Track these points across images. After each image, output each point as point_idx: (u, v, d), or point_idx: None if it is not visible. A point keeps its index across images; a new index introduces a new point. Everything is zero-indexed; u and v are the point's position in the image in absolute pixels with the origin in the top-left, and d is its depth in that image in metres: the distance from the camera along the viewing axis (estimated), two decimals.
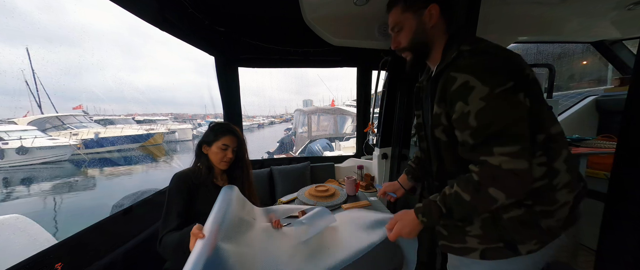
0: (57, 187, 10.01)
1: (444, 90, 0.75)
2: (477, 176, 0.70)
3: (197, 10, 1.73)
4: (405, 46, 0.88)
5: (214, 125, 1.28)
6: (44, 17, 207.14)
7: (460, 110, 0.70)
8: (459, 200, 0.74)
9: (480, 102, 0.66)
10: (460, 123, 0.72)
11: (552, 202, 0.75)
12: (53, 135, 13.80)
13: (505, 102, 0.66)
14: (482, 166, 0.70)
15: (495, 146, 0.66)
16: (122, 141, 14.73)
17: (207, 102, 50.04)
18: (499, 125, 0.66)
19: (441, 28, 0.83)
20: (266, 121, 40.16)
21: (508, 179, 0.67)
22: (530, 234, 0.75)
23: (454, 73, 0.71)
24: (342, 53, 2.35)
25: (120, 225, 1.29)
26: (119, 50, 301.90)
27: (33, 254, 0.95)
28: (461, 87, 0.69)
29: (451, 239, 0.87)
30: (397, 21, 0.87)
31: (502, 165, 0.66)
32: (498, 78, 0.66)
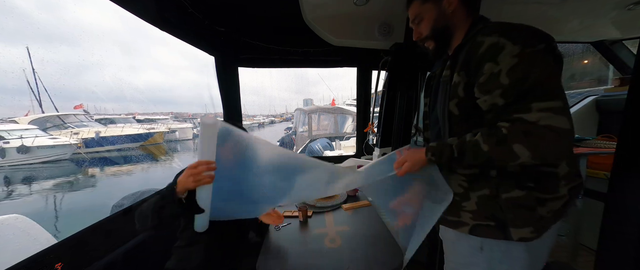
0: (58, 186, 10.02)
1: (469, 56, 0.72)
2: (506, 130, 0.65)
3: (197, 10, 1.73)
4: (427, 35, 0.89)
5: None
6: (43, 16, 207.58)
7: (489, 70, 0.67)
8: (476, 148, 0.71)
9: (513, 59, 0.63)
10: (489, 84, 0.68)
11: (550, 191, 0.73)
12: (54, 134, 13.83)
13: (539, 61, 0.63)
14: (513, 122, 0.65)
15: (534, 101, 0.62)
16: (123, 140, 14.76)
17: (207, 102, 50.10)
18: (535, 79, 0.62)
19: (462, 13, 0.83)
20: (266, 120, 40.21)
21: (544, 136, 0.62)
22: (525, 217, 0.73)
23: (480, 37, 0.70)
24: (342, 53, 2.35)
25: (120, 225, 1.29)
26: (118, 49, 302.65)
27: (33, 254, 0.96)
28: (490, 47, 0.66)
29: (448, 212, 0.86)
30: (417, 13, 0.89)
31: (539, 122, 0.61)
32: (530, 39, 0.64)
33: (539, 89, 0.62)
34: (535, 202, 0.73)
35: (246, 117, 25.75)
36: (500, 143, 0.66)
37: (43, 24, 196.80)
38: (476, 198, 0.79)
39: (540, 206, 0.73)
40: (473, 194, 0.80)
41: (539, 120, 0.61)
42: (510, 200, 0.74)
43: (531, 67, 0.62)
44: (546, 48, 0.63)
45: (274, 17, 1.98)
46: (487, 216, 0.77)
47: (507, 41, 0.64)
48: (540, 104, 0.61)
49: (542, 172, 0.73)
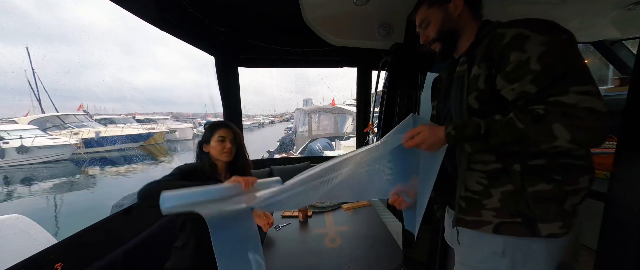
0: (57, 187, 10.02)
1: (491, 48, 0.71)
2: (544, 111, 0.61)
3: (197, 10, 1.73)
4: (433, 37, 0.91)
5: (208, 125, 1.35)
6: (42, 16, 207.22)
7: (517, 59, 0.64)
8: (509, 125, 0.65)
9: (541, 46, 0.62)
10: (518, 72, 0.65)
11: (576, 183, 0.70)
12: (54, 134, 13.83)
13: (567, 49, 0.63)
14: (552, 104, 0.61)
15: (571, 85, 0.60)
16: (123, 140, 14.76)
17: (207, 102, 50.17)
18: (568, 64, 0.61)
19: (468, 16, 0.85)
20: (266, 120, 40.20)
21: (584, 118, 0.58)
22: (554, 212, 0.70)
23: (501, 30, 0.69)
24: (342, 53, 2.35)
25: (120, 225, 1.29)
26: (118, 49, 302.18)
27: (33, 254, 0.96)
28: (514, 38, 0.66)
29: (467, 212, 0.81)
30: (424, 17, 0.91)
31: (579, 104, 0.58)
32: (554, 30, 0.64)
33: (574, 73, 0.60)
34: (564, 195, 0.69)
35: (246, 117, 25.73)
36: (537, 122, 0.62)
37: (43, 24, 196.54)
38: (499, 194, 0.74)
39: (569, 198, 0.70)
40: (495, 190, 0.75)
41: (578, 102, 0.58)
42: (538, 194, 0.69)
43: (562, 54, 0.62)
44: (570, 38, 0.64)
45: (274, 17, 1.98)
46: (512, 213, 0.73)
47: (531, 32, 0.64)
48: (577, 88, 0.59)
49: (568, 164, 0.69)
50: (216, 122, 1.35)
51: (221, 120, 1.39)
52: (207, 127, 1.34)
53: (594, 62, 3.51)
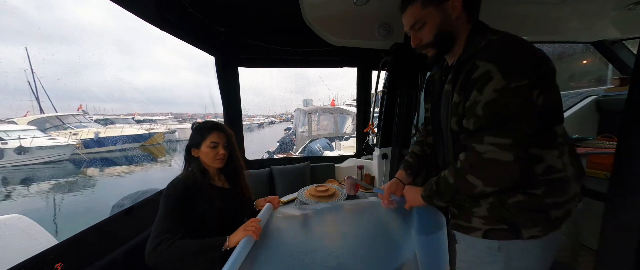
0: (56, 187, 10.00)
1: (467, 78, 0.74)
2: (460, 163, 0.76)
3: (197, 10, 1.73)
4: (429, 41, 0.85)
5: (197, 126, 1.24)
6: (42, 16, 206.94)
7: (474, 98, 0.71)
8: (446, 182, 0.81)
9: (493, 93, 0.67)
10: (469, 110, 0.74)
11: (564, 193, 0.76)
12: (53, 135, 13.81)
13: (517, 98, 0.66)
14: (467, 153, 0.75)
15: (488, 135, 0.69)
16: (123, 141, 14.74)
17: (207, 102, 50.20)
18: (500, 118, 0.68)
19: (464, 18, 0.82)
20: (266, 121, 40.18)
21: (487, 168, 0.71)
22: (534, 219, 0.76)
23: (478, 61, 0.71)
24: (342, 53, 2.35)
25: (120, 225, 1.29)
26: (118, 49, 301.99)
27: (33, 254, 0.95)
28: (482, 76, 0.69)
29: (460, 217, 0.88)
30: (418, 18, 0.84)
31: (485, 154, 0.70)
32: (517, 73, 0.66)
33: (501, 125, 0.68)
34: (545, 206, 0.75)
35: (246, 117, 25.76)
36: (457, 175, 0.77)
37: (42, 24, 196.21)
38: (487, 204, 0.80)
39: (555, 210, 0.75)
40: (483, 200, 0.81)
41: (485, 152, 0.70)
42: (517, 205, 0.76)
43: (506, 106, 0.67)
44: (530, 84, 0.66)
45: (274, 17, 1.98)
46: (498, 220, 0.79)
47: (498, 72, 0.67)
48: (491, 139, 0.69)
49: (553, 179, 0.75)
50: (207, 125, 1.23)
51: (212, 122, 1.27)
52: (196, 129, 1.23)
53: (594, 62, 3.52)
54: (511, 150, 0.67)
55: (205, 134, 1.19)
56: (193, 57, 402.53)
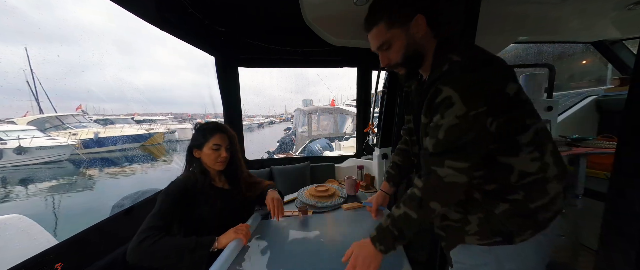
0: (55, 188, 10.00)
1: (431, 101, 0.76)
2: (420, 192, 0.78)
3: (197, 10, 1.73)
4: (398, 62, 0.87)
5: (200, 126, 1.23)
6: (41, 16, 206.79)
7: (436, 121, 0.74)
8: (407, 220, 0.80)
9: (455, 119, 0.69)
10: (431, 131, 0.76)
11: (545, 195, 0.77)
12: (52, 135, 13.81)
13: (475, 126, 0.69)
14: (427, 177, 0.76)
15: (448, 159, 0.72)
16: (123, 141, 14.75)
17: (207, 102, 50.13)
18: (460, 143, 0.71)
19: (430, 35, 0.82)
20: (266, 121, 40.20)
21: (446, 191, 0.75)
22: (524, 224, 0.78)
23: (441, 86, 0.72)
24: (342, 53, 2.35)
25: (120, 225, 1.29)
26: (117, 49, 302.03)
27: (33, 254, 0.95)
28: (444, 100, 0.71)
29: (451, 240, 0.89)
30: (385, 39, 0.84)
31: (446, 178, 0.72)
32: (476, 101, 0.68)
33: (458, 150, 0.71)
34: (530, 211, 0.77)
35: (246, 117, 25.77)
36: (420, 206, 0.78)
37: (42, 23, 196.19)
38: (476, 220, 0.82)
39: (543, 212, 0.78)
40: (472, 217, 0.83)
41: (446, 176, 0.72)
42: (505, 213, 0.78)
43: (465, 131, 0.70)
44: (488, 110, 0.68)
45: (274, 17, 1.98)
46: (492, 233, 0.80)
47: (459, 99, 0.68)
48: (451, 163, 0.72)
49: (532, 181, 0.77)
50: (210, 126, 1.23)
51: (215, 123, 1.27)
52: (198, 130, 1.23)
53: (594, 62, 3.52)
54: (466, 172, 0.72)
55: (208, 136, 1.18)
56: (193, 57, 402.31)
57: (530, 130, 0.76)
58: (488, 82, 0.70)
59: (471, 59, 0.74)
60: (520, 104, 0.75)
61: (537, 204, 0.77)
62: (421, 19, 0.79)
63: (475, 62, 0.73)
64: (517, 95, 0.74)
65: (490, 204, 0.79)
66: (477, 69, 0.72)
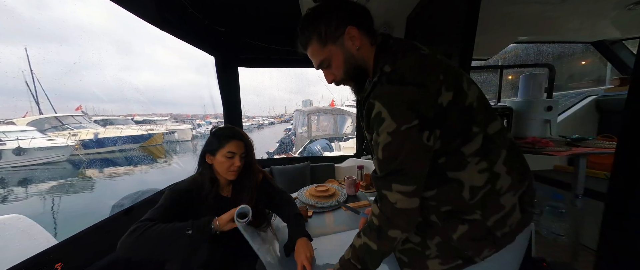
0: (54, 189, 9.99)
1: (368, 117, 0.73)
2: (377, 220, 0.74)
3: (197, 10, 1.73)
4: (342, 77, 0.84)
5: (216, 130, 1.15)
6: (41, 15, 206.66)
7: (374, 140, 0.71)
8: (369, 250, 0.76)
9: (388, 136, 0.66)
10: (374, 150, 0.73)
11: (500, 209, 0.72)
12: (52, 135, 13.80)
13: (408, 141, 0.65)
14: (381, 203, 0.73)
15: (394, 183, 0.69)
16: (122, 142, 14.74)
17: (207, 102, 50.08)
18: (399, 162, 0.67)
19: (367, 43, 0.79)
20: (266, 121, 40.21)
21: (401, 217, 0.70)
22: (483, 245, 0.73)
23: (372, 100, 0.69)
24: None
25: (120, 225, 1.29)
26: (117, 49, 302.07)
27: (33, 254, 0.95)
28: (376, 116, 0.68)
29: (413, 265, 0.83)
30: (322, 58, 0.82)
31: (397, 204, 0.69)
32: (406, 115, 0.64)
33: (401, 171, 0.68)
34: (491, 228, 0.72)
35: (245, 118, 25.75)
36: (379, 236, 0.74)
37: (42, 24, 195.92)
38: (435, 246, 0.78)
39: (500, 229, 0.72)
40: (430, 242, 0.79)
41: (396, 202, 0.69)
42: (463, 237, 0.73)
43: (400, 148, 0.66)
44: (420, 124, 0.64)
45: (274, 17, 1.98)
46: (453, 256, 0.76)
47: (388, 114, 0.65)
48: (397, 186, 0.68)
49: (483, 196, 0.71)
50: (226, 132, 1.14)
51: (232, 129, 1.17)
52: (214, 134, 1.14)
53: (594, 62, 3.52)
54: (415, 195, 0.69)
55: (223, 142, 1.11)
56: (193, 57, 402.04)
57: (475, 139, 0.70)
58: (415, 93, 0.65)
59: (400, 67, 0.69)
60: (460, 112, 0.69)
61: (492, 219, 0.72)
62: (353, 30, 0.76)
63: (403, 71, 0.68)
64: (454, 104, 0.67)
65: (448, 228, 0.75)
66: (404, 79, 0.67)
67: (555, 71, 2.33)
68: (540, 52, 3.33)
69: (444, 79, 0.67)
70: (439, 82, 0.66)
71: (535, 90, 2.06)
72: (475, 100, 0.71)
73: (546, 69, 2.37)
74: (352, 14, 0.77)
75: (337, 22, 0.76)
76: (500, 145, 0.73)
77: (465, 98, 0.70)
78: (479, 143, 0.70)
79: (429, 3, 1.54)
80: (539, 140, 1.57)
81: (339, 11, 0.77)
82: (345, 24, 0.76)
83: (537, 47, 3.29)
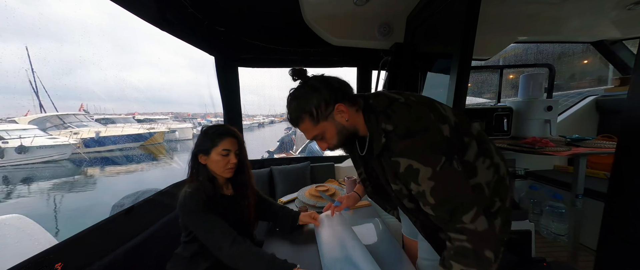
0: (57, 187, 10.01)
1: (395, 173, 0.78)
2: (470, 243, 0.71)
3: (197, 10, 1.73)
4: (337, 145, 0.90)
5: (207, 129, 1.13)
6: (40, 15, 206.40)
7: (416, 189, 0.75)
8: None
9: (430, 181, 0.71)
10: (420, 198, 0.77)
11: (506, 190, 0.85)
12: (53, 134, 13.81)
13: (449, 177, 0.72)
14: (464, 233, 0.72)
15: (463, 215, 0.71)
16: (123, 141, 14.75)
17: (207, 101, 50.03)
18: (455, 198, 0.72)
19: (353, 112, 0.85)
20: (266, 120, 40.18)
21: (490, 237, 0.73)
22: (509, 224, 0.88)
23: (394, 158, 0.75)
24: (342, 53, 2.35)
25: (120, 225, 1.29)
26: (116, 47, 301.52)
27: (33, 254, 0.95)
28: (407, 170, 0.73)
29: None
30: (315, 133, 0.87)
31: (478, 228, 0.71)
32: (433, 158, 0.71)
33: (461, 204, 0.71)
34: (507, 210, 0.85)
35: (246, 117, 25.69)
36: (477, 258, 0.71)
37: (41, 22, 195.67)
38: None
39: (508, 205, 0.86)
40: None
41: (477, 227, 0.71)
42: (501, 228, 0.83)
43: (447, 187, 0.72)
44: (447, 158, 0.71)
45: (274, 17, 1.98)
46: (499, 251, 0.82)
47: (418, 163, 0.71)
48: (468, 216, 0.71)
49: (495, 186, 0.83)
50: (218, 130, 1.12)
51: (224, 126, 1.16)
52: (205, 133, 1.12)
53: (594, 62, 3.52)
54: (481, 215, 0.72)
55: (217, 140, 1.09)
56: (193, 56, 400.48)
57: (470, 145, 0.80)
58: (427, 137, 0.72)
59: (400, 123, 0.75)
60: (454, 133, 0.78)
61: (507, 201, 0.84)
62: (341, 106, 0.82)
63: (406, 125, 0.75)
64: (453, 129, 0.77)
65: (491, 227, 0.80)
66: (411, 132, 0.73)
67: (555, 71, 2.33)
68: (540, 52, 3.32)
69: (434, 117, 0.76)
70: (434, 121, 0.75)
71: (536, 90, 2.06)
72: (452, 116, 0.81)
73: (546, 69, 2.37)
74: (338, 91, 0.83)
75: (326, 102, 0.82)
76: (487, 140, 0.85)
77: (450, 120, 0.79)
78: (475, 147, 0.81)
79: (429, 3, 1.54)
80: (539, 140, 1.57)
81: (325, 91, 0.82)
82: (334, 102, 0.82)
83: (537, 47, 3.29)
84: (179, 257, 1.15)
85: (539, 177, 2.31)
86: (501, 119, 2.08)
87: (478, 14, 1.18)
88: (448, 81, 1.29)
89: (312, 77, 0.87)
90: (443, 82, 1.37)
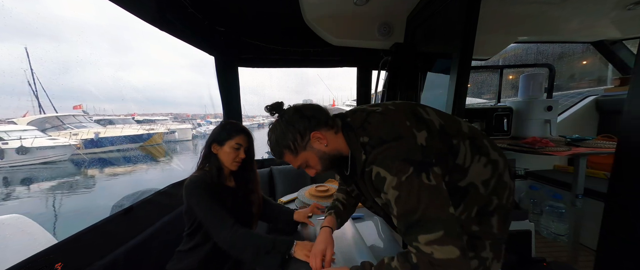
0: (57, 187, 10.01)
1: (370, 182, 0.78)
2: (416, 258, 0.66)
3: (197, 10, 1.73)
4: (322, 170, 0.90)
5: (226, 124, 1.24)
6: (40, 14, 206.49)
7: (385, 198, 0.73)
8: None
9: (394, 191, 0.68)
10: (388, 208, 0.74)
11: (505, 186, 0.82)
12: (53, 135, 13.82)
13: (413, 189, 0.66)
14: (417, 251, 0.66)
15: (420, 234, 0.64)
16: (122, 141, 14.75)
17: (207, 102, 50.09)
18: (416, 212, 0.65)
19: (332, 135, 0.85)
20: (266, 121, 40.15)
21: (447, 267, 0.63)
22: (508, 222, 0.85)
23: (368, 167, 0.75)
24: (342, 53, 2.35)
25: (120, 225, 1.29)
26: (115, 47, 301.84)
27: (33, 254, 0.95)
28: (376, 177, 0.72)
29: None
30: (299, 163, 0.88)
31: (434, 254, 0.63)
32: (400, 166, 0.68)
33: (420, 220, 0.65)
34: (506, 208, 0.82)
35: (246, 117, 25.72)
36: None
37: (40, 22, 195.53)
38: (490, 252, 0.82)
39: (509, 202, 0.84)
40: (485, 252, 0.82)
41: (433, 252, 0.62)
42: (499, 226, 0.82)
43: (409, 199, 0.66)
44: (415, 170, 0.67)
45: (274, 17, 1.98)
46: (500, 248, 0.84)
47: (385, 171, 0.69)
48: (424, 237, 0.64)
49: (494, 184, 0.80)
50: (236, 126, 1.23)
51: (241, 125, 1.27)
52: (223, 127, 1.22)
53: (594, 62, 3.52)
54: (449, 241, 0.62)
55: (233, 134, 1.19)
56: (192, 56, 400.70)
57: (461, 147, 0.78)
58: (397, 146, 0.71)
59: (373, 132, 0.76)
60: (438, 137, 0.76)
61: (505, 198, 0.82)
62: (316, 134, 0.82)
63: (379, 134, 0.75)
64: (431, 138, 0.75)
65: (487, 226, 0.80)
66: (383, 140, 0.73)
67: (555, 71, 2.33)
68: (540, 52, 3.32)
69: (411, 124, 0.75)
70: (409, 128, 0.74)
71: (535, 90, 2.06)
72: (437, 119, 0.80)
73: (546, 69, 2.37)
74: (310, 120, 0.83)
75: (301, 133, 0.82)
76: (481, 137, 0.83)
77: (433, 124, 0.78)
78: (468, 147, 0.78)
79: (429, 3, 1.54)
80: (539, 140, 1.57)
81: (299, 123, 0.83)
82: (309, 131, 0.82)
83: (537, 47, 3.29)
84: (179, 253, 1.19)
85: (539, 177, 2.31)
86: (501, 119, 2.08)
87: (478, 14, 1.18)
88: (448, 81, 1.29)
89: (286, 109, 0.87)
90: (443, 82, 1.37)
